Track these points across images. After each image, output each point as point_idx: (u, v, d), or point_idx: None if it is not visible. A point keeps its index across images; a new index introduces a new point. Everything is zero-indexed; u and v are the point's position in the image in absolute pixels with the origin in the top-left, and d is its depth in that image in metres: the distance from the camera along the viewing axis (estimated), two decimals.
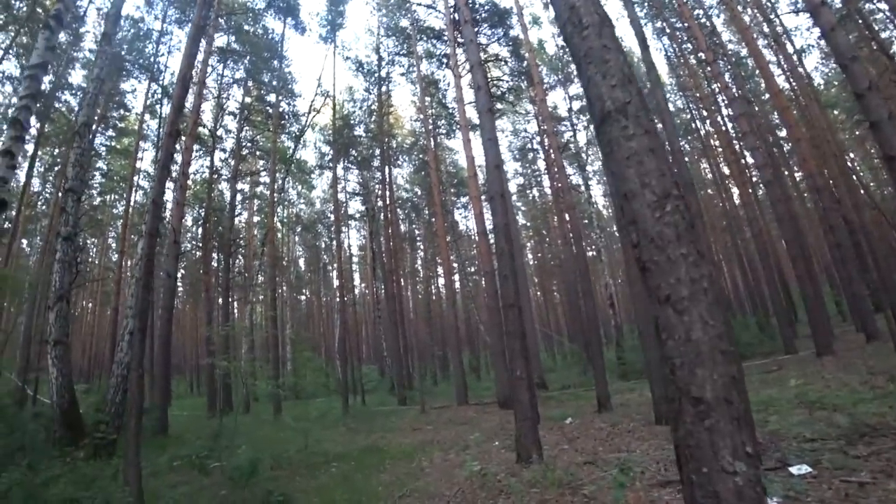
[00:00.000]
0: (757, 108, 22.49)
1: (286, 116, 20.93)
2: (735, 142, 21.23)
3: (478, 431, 9.61)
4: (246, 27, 19.08)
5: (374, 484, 6.44)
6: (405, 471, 7.06)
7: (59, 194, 13.31)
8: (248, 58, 19.15)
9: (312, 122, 22.00)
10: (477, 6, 19.10)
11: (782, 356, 13.76)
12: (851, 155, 26.49)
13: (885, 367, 8.94)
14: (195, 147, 21.03)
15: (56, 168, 18.88)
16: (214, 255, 21.29)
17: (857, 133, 25.93)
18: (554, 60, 23.78)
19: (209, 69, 18.25)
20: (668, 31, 21.91)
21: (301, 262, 37.60)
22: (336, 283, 26.64)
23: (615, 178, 2.42)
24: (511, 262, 7.29)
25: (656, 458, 5.90)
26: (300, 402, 21.38)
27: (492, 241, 24.77)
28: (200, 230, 20.66)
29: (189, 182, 21.00)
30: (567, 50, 18.12)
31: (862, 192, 17.26)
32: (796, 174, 25.63)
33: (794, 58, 19.47)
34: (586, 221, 35.82)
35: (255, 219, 25.20)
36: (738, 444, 1.89)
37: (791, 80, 19.07)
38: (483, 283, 36.21)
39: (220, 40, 18.65)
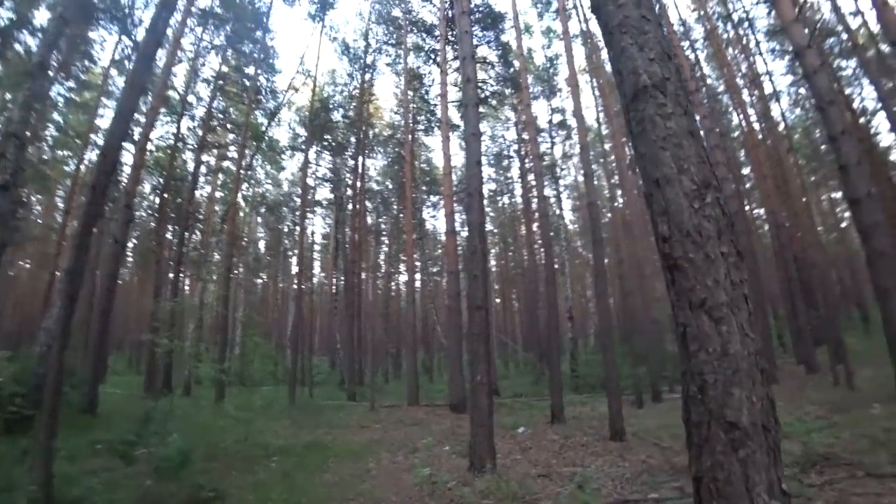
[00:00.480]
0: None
1: (263, 91, 19.99)
2: None
3: (428, 434, 9.24)
4: None
5: (316, 484, 5.94)
6: (350, 472, 6.58)
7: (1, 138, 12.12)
8: (230, 24, 18.11)
9: (290, 100, 21.16)
10: (473, 5, 18.83)
11: None
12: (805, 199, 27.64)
13: (826, 399, 9.11)
14: (161, 110, 19.99)
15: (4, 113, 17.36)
16: (170, 227, 20.10)
17: (813, 178, 27.10)
18: (540, 71, 23.74)
19: (187, 30, 17.29)
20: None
21: (261, 244, 36.24)
22: (295, 269, 25.70)
23: (646, 162, 2.08)
24: (483, 262, 6.96)
25: (612, 475, 5.72)
26: (246, 389, 20.34)
27: (460, 241, 24.58)
28: (158, 199, 19.42)
29: (151, 147, 19.89)
30: (553, 63, 18.02)
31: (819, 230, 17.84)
32: (754, 210, 26.59)
33: (769, 100, 20.09)
34: (552, 234, 36.19)
35: (219, 194, 23.95)
36: (773, 480, 1.59)
37: (762, 121, 19.63)
38: (445, 283, 36.29)
39: (203, 1, 17.70)
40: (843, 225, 25.18)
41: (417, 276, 30.15)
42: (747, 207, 25.42)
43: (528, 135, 14.36)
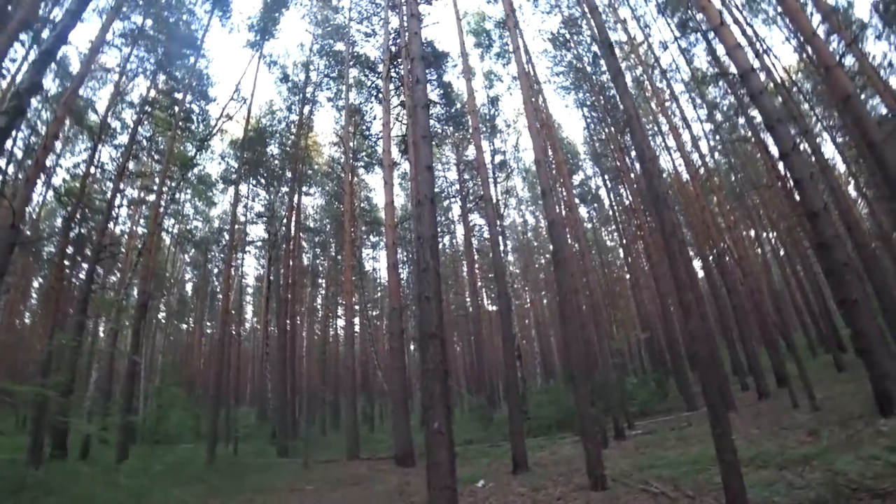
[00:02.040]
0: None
1: (194, 120, 18.31)
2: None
3: (373, 497, 7.62)
4: (167, 14, 16.60)
5: None
6: None
7: None
8: (162, 47, 16.56)
9: (222, 129, 19.49)
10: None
11: (685, 412, 13.34)
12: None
13: (795, 423, 8.46)
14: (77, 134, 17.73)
15: None
16: (79, 261, 17.48)
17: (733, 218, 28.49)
18: (482, 112, 23.65)
19: (113, 49, 15.61)
20: (588, 102, 22.77)
21: (188, 286, 33.04)
22: (228, 313, 23.01)
23: None
24: (436, 282, 5.73)
25: None
26: (159, 447, 17.47)
27: (403, 275, 23.01)
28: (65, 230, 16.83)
29: (59, 169, 17.47)
30: (495, 104, 17.71)
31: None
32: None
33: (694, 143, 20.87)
34: (491, 276, 35.80)
35: (141, 230, 21.49)
36: None
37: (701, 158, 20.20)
38: (385, 323, 34.53)
39: (135, 19, 16.10)
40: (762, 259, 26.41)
41: (356, 318, 28.31)
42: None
43: (480, 177, 13.68)
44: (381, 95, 18.30)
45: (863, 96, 16.98)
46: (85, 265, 16.89)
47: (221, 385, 17.24)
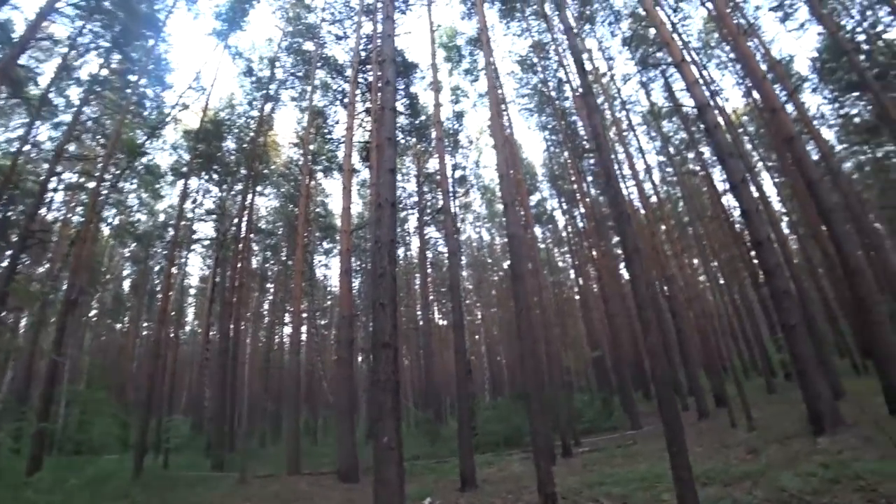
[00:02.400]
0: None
1: (147, 105, 17.30)
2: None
3: None
4: None
5: None
6: None
7: None
8: (119, 24, 15.53)
9: (177, 118, 18.51)
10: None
11: (629, 431, 13.59)
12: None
13: (735, 441, 8.76)
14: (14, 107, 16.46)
15: None
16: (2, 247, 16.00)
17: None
18: (446, 126, 23.76)
19: (62, 17, 14.48)
20: (550, 126, 23.34)
21: (126, 283, 30.88)
22: (166, 314, 21.44)
23: None
24: (392, 289, 5.54)
25: None
26: (80, 458, 16.01)
27: (355, 284, 22.43)
28: None
29: None
30: (459, 119, 17.81)
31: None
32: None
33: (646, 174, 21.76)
34: (443, 289, 35.69)
35: (78, 219, 19.99)
36: None
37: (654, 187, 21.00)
38: (334, 333, 33.60)
39: None
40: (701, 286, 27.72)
41: (304, 326, 27.40)
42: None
43: (441, 188, 13.56)
44: (346, 99, 18.02)
45: None
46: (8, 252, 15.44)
47: (154, 391, 16.06)
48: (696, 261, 28.13)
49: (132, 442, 19.22)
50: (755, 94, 19.37)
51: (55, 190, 19.90)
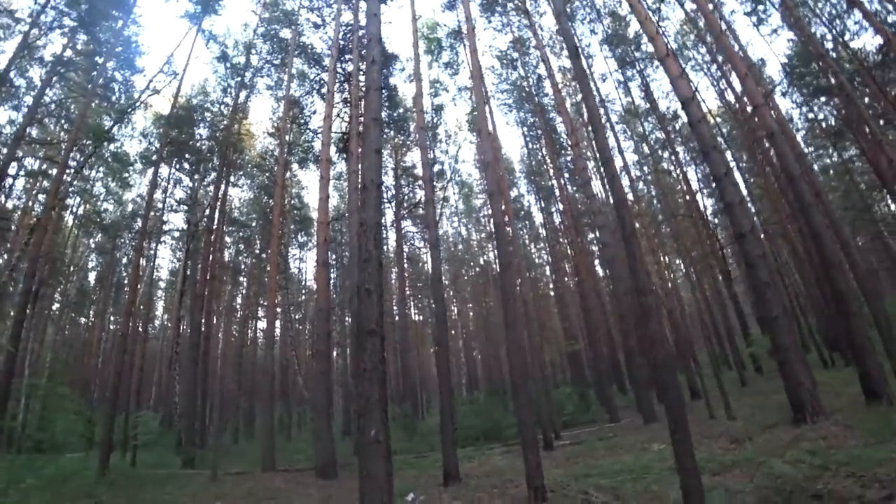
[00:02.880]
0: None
1: (115, 89, 16.46)
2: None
3: None
4: None
5: None
6: None
7: None
8: (86, 3, 14.67)
9: (147, 103, 17.67)
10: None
11: (607, 424, 13.62)
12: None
13: (717, 432, 8.77)
14: None
15: None
16: None
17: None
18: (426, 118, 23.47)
19: None
20: (528, 122, 23.28)
21: (91, 276, 29.56)
22: (134, 306, 20.38)
23: None
24: (379, 274, 5.26)
25: None
26: (41, 456, 15.14)
27: (333, 275, 21.82)
28: None
29: None
30: (439, 112, 17.52)
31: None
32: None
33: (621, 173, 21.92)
34: (419, 284, 35.46)
35: (40, 207, 18.92)
36: None
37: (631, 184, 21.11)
38: (308, 327, 32.93)
39: None
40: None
41: (278, 320, 26.73)
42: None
43: (423, 177, 13.31)
44: (324, 90, 17.54)
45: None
46: None
47: (121, 386, 15.29)
48: (666, 258, 28.60)
49: (97, 439, 18.36)
50: (729, 97, 19.75)
51: (15, 176, 18.84)
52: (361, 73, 15.92)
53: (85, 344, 28.83)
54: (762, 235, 22.52)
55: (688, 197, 21.42)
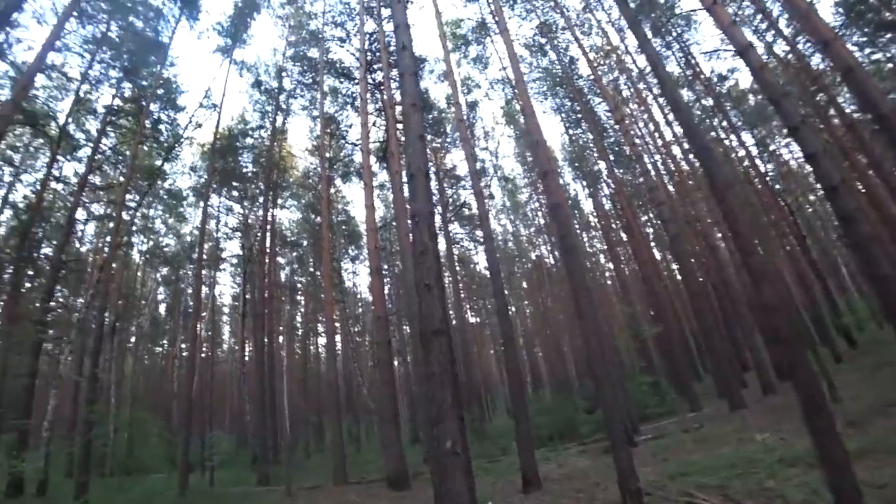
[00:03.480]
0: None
1: (162, 130, 17.07)
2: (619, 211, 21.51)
3: None
4: (133, 18, 15.48)
5: None
6: None
7: None
8: (127, 54, 15.39)
9: (191, 137, 18.24)
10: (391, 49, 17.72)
11: (688, 414, 12.51)
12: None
13: None
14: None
15: None
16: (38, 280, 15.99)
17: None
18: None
19: (72, 55, 14.46)
20: (566, 107, 22.35)
21: (162, 308, 31.03)
22: (198, 332, 21.14)
23: None
24: (437, 267, 4.75)
25: None
26: (129, 478, 15.82)
27: (388, 283, 21.63)
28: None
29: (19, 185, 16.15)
30: (472, 109, 17.00)
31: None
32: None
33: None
34: (473, 287, 34.86)
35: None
36: None
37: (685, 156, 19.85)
38: (367, 338, 33.11)
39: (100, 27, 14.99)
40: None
41: (338, 334, 26.98)
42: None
43: (468, 168, 12.87)
44: (357, 102, 17.46)
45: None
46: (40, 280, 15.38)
47: (194, 409, 15.69)
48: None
49: (178, 461, 19.04)
50: (777, 51, 18.05)
51: (85, 222, 19.97)
52: (393, 81, 15.72)
53: (162, 371, 30.21)
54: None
55: (746, 163, 19.74)
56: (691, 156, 24.23)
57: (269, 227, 19.63)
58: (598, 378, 5.96)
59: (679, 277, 26.50)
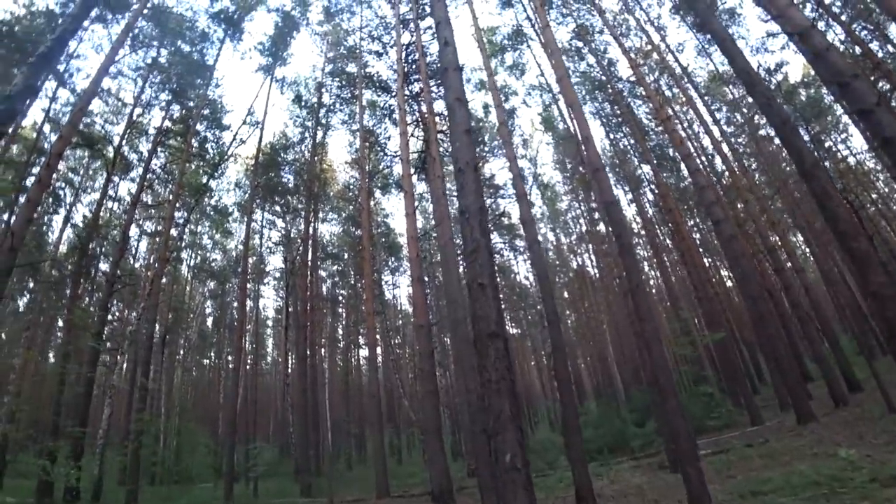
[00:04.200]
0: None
1: (209, 149, 17.66)
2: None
3: None
4: (180, 43, 16.20)
5: None
6: None
7: None
8: (176, 77, 16.09)
9: (236, 154, 18.80)
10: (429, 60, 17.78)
11: (749, 428, 11.61)
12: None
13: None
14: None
15: None
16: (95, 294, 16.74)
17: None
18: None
19: (127, 80, 15.25)
20: (605, 112, 21.82)
21: (209, 321, 32.06)
22: (242, 344, 21.63)
23: None
24: (491, 265, 4.46)
25: None
26: (177, 487, 16.16)
27: (429, 290, 21.46)
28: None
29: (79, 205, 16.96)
30: (510, 116, 16.74)
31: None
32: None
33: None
34: (514, 297, 34.23)
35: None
36: None
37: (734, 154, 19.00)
38: (409, 351, 33.01)
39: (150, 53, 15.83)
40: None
41: (379, 346, 27.02)
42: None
43: (511, 171, 12.62)
44: (395, 114, 17.57)
45: None
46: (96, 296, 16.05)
47: (238, 420, 15.88)
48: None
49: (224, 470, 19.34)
50: (829, 36, 16.99)
51: (138, 238, 20.90)
52: (432, 84, 15.71)
53: (209, 383, 31.04)
54: None
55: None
56: (737, 153, 23.22)
57: (310, 240, 19.94)
58: (659, 386, 5.49)
59: (730, 284, 25.20)
